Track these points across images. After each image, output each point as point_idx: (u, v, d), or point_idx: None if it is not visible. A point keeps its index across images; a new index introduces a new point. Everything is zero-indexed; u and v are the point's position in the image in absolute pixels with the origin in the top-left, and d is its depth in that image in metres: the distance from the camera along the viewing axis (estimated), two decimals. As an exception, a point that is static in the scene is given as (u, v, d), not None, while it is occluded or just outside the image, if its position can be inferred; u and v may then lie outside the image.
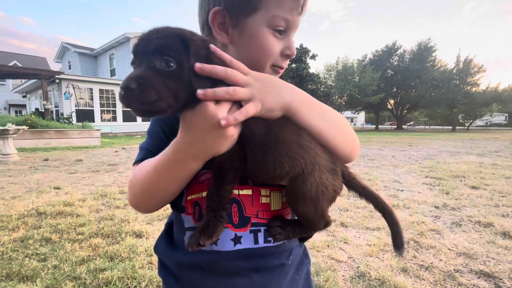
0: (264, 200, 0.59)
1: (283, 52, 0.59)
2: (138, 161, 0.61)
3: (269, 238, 0.59)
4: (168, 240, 0.65)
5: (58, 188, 3.98)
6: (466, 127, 33.85)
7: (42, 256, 1.99)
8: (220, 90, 0.44)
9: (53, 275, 1.75)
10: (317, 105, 0.56)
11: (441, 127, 45.78)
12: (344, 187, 0.61)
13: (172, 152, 0.50)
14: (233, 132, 0.47)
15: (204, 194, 0.56)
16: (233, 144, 0.49)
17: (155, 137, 0.62)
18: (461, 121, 34.56)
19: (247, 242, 0.57)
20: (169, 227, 0.67)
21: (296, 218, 0.61)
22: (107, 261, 1.93)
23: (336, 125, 0.57)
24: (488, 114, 35.00)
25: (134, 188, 0.58)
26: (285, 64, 0.62)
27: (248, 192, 0.58)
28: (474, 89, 30.71)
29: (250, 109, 0.46)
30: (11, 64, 22.41)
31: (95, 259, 1.97)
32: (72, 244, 2.19)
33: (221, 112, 0.44)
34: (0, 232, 2.39)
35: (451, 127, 33.51)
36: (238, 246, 0.57)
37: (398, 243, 0.60)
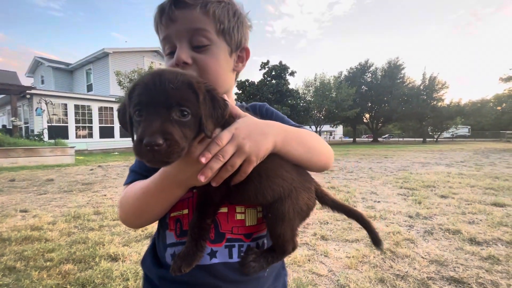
0: (239, 216, 0.64)
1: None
2: (129, 183, 0.66)
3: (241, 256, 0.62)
4: (154, 255, 0.69)
5: (25, 211, 3.71)
6: (435, 139, 36.19)
7: (5, 287, 1.83)
8: (215, 163, 0.50)
9: (17, 307, 1.61)
10: (294, 135, 0.62)
11: (413, 139, 48.55)
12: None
13: (160, 180, 0.55)
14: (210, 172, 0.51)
15: (185, 211, 0.63)
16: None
17: None
18: (430, 133, 37.00)
19: (222, 257, 0.62)
20: (155, 241, 0.71)
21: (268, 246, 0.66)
22: (78, 289, 1.81)
23: (312, 148, 0.65)
24: (453, 126, 37.75)
25: (125, 207, 0.63)
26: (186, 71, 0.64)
27: (224, 210, 0.63)
28: (439, 103, 33.26)
29: (235, 163, 0.51)
30: (-24, 78, 21.05)
31: (65, 287, 1.85)
32: (39, 272, 2.03)
33: (200, 150, 0.50)
34: (-45, 263, 2.17)
35: (422, 139, 35.67)
36: (214, 260, 0.61)
37: (375, 240, 0.69)
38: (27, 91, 14.37)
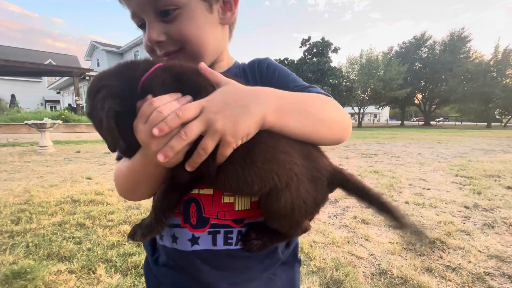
0: (226, 199, 0.55)
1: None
2: (119, 157, 0.63)
3: (229, 241, 0.56)
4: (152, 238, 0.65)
5: (90, 178, 4.26)
6: (503, 124, 31.25)
7: (78, 240, 2.16)
8: (176, 141, 0.40)
9: (88, 257, 1.90)
10: (294, 103, 0.49)
11: (475, 123, 42.69)
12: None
13: (140, 157, 0.49)
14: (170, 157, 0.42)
15: None
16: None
17: None
18: (497, 117, 32.01)
19: (205, 244, 0.55)
20: None
21: None
22: (135, 247, 2.05)
23: (320, 117, 0.50)
24: (530, 109, 32.04)
25: (117, 183, 0.60)
26: (163, 49, 0.56)
27: (209, 191, 0.55)
28: (514, 82, 28.25)
29: (206, 145, 0.41)
30: (46, 62, 24.08)
31: (124, 244, 2.11)
32: (103, 229, 2.35)
33: (158, 144, 0.41)
34: (41, 217, 2.63)
35: (485, 123, 31.16)
36: (196, 247, 0.55)
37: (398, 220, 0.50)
38: (86, 73, 16.01)
